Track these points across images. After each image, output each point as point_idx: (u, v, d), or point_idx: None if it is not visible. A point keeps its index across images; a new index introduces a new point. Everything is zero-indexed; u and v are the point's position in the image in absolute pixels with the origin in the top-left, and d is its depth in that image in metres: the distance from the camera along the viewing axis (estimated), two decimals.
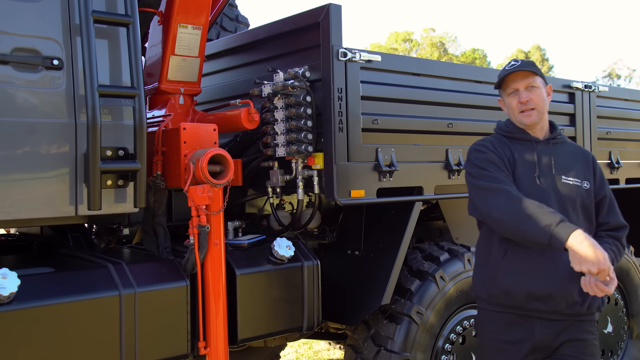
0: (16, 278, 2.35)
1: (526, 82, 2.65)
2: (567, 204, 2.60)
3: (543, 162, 2.65)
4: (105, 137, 2.67)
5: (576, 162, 2.69)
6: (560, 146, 2.72)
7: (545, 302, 2.54)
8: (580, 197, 2.62)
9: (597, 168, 2.74)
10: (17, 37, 2.55)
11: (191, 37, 3.37)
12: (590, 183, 2.66)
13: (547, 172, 2.64)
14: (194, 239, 2.88)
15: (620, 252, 2.60)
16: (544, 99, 2.68)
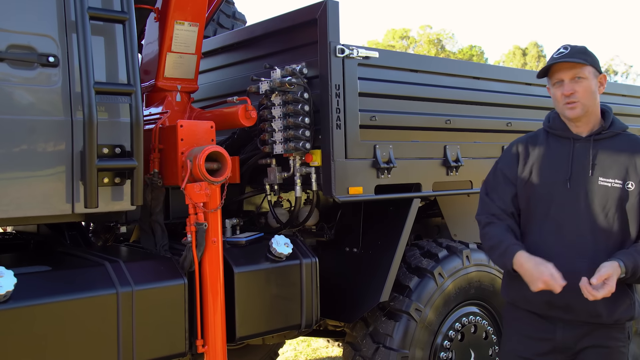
0: (13, 277, 2.34)
1: (572, 73, 2.46)
2: (599, 209, 2.43)
3: (578, 163, 2.48)
4: (101, 135, 2.65)
5: (621, 160, 2.44)
6: (605, 142, 2.49)
7: (565, 311, 2.46)
8: (619, 200, 2.41)
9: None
10: (12, 34, 2.53)
11: (188, 33, 3.35)
12: (636, 183, 2.42)
13: (581, 173, 2.46)
14: (192, 237, 2.86)
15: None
16: (592, 92, 2.46)
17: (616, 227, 2.42)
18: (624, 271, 2.31)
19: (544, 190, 2.53)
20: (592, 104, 2.48)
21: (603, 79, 2.51)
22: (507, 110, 4.11)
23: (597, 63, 2.50)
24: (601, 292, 2.25)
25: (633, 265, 2.33)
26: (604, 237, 2.42)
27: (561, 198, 2.48)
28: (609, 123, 2.51)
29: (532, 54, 46.16)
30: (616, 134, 2.50)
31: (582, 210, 2.45)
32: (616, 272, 2.29)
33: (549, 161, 2.54)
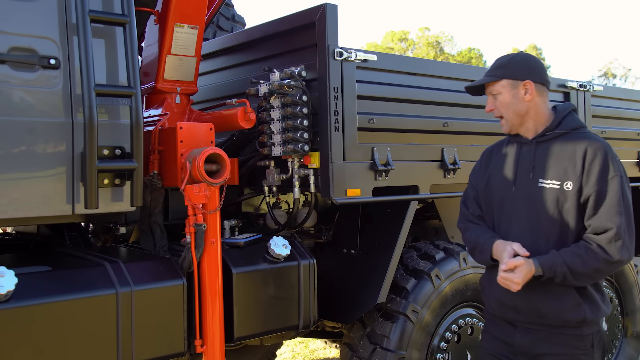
0: (13, 276, 2.36)
1: (490, 90, 2.57)
2: (539, 210, 2.43)
3: (522, 166, 2.51)
4: (102, 136, 2.67)
5: (561, 160, 2.42)
6: (549, 143, 2.49)
7: (516, 312, 2.49)
8: (557, 202, 2.40)
9: (588, 162, 2.37)
10: (14, 36, 2.55)
11: (188, 36, 3.38)
12: (574, 183, 2.38)
13: (524, 176, 2.49)
14: (191, 238, 2.89)
15: (593, 257, 2.31)
16: (508, 104, 2.50)
17: (555, 228, 2.41)
18: (540, 270, 2.32)
19: (496, 195, 2.58)
20: (516, 114, 2.51)
21: (528, 85, 2.48)
22: None
23: (515, 72, 2.49)
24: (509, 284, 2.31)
25: (550, 265, 2.32)
26: (544, 238, 2.43)
27: (509, 201, 2.52)
28: (555, 124, 2.50)
29: None
30: (562, 134, 2.48)
31: (524, 212, 2.47)
32: (526, 267, 2.31)
33: (503, 166, 2.59)
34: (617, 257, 2.30)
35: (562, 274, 2.32)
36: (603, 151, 2.37)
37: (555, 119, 2.51)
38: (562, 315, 2.40)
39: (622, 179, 2.37)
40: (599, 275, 2.39)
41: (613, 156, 2.40)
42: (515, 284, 2.31)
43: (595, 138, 2.44)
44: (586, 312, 2.39)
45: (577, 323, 2.40)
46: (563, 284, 2.36)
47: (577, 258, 2.31)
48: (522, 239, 2.45)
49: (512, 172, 2.53)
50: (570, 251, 2.34)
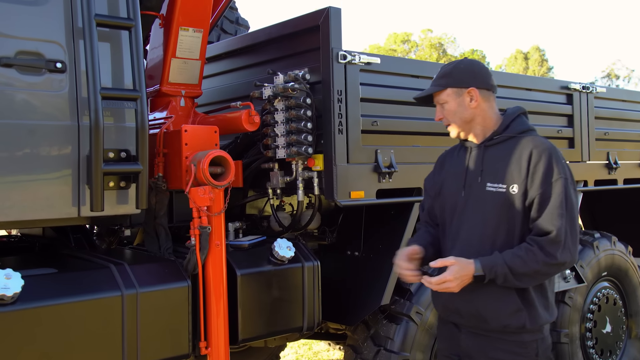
0: (20, 278, 2.38)
1: (437, 99, 2.58)
2: (486, 214, 2.43)
3: (471, 171, 2.53)
4: (107, 139, 2.69)
5: (507, 164, 2.43)
6: (497, 147, 2.50)
7: (459, 316, 2.50)
8: (504, 205, 2.40)
9: (532, 165, 2.38)
10: (20, 40, 2.58)
11: (192, 39, 3.40)
12: (519, 186, 2.38)
13: (473, 181, 2.50)
14: (195, 240, 2.90)
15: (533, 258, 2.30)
16: (455, 111, 2.52)
17: (502, 232, 2.41)
18: (480, 270, 2.31)
19: (448, 200, 2.59)
20: (463, 121, 2.52)
21: (473, 92, 2.50)
22: None
23: (459, 80, 2.51)
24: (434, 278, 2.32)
25: (491, 266, 2.32)
26: (490, 243, 2.42)
27: (458, 206, 2.53)
28: (502, 127, 2.51)
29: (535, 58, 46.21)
30: (509, 138, 2.49)
31: (472, 217, 2.47)
32: (461, 266, 2.31)
33: (454, 171, 2.61)
34: (558, 259, 2.30)
35: (502, 275, 2.31)
36: (547, 154, 2.38)
37: (503, 122, 2.52)
38: (502, 319, 2.39)
39: (566, 181, 2.37)
40: (540, 277, 2.38)
41: (558, 158, 2.40)
42: (450, 283, 2.30)
43: (540, 141, 2.44)
44: (526, 318, 2.38)
45: (516, 329, 2.39)
46: (505, 285, 2.35)
47: (517, 259, 2.31)
48: (470, 243, 2.46)
49: (462, 177, 2.55)
50: (511, 252, 2.34)
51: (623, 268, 4.94)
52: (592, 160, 4.71)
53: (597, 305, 4.70)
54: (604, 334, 4.71)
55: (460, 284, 2.32)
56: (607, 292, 4.80)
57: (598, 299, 4.72)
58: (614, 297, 4.84)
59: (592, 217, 5.90)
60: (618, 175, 4.89)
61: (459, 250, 2.47)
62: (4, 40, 2.55)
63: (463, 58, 2.64)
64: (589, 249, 4.70)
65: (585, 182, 4.66)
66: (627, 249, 5.02)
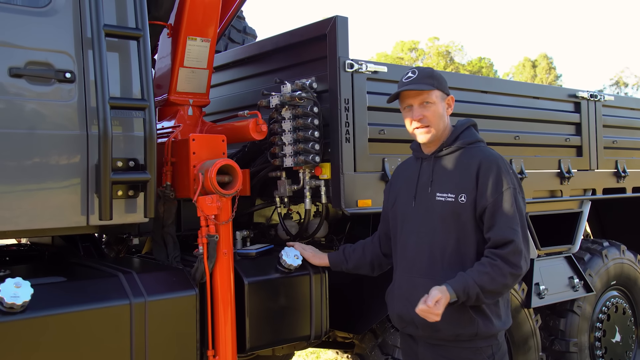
0: (29, 287, 2.39)
1: (420, 98, 2.55)
2: (436, 224, 2.46)
3: (422, 181, 2.57)
4: (116, 148, 2.71)
5: (456, 174, 2.48)
6: (447, 158, 2.54)
7: (414, 327, 2.51)
8: (453, 214, 2.44)
9: (482, 175, 2.43)
10: (30, 50, 2.60)
11: (200, 49, 3.42)
12: (468, 196, 2.42)
13: (423, 191, 2.54)
14: (203, 249, 2.90)
15: (499, 272, 2.33)
16: (440, 115, 2.54)
17: (451, 240, 2.43)
18: (454, 296, 2.31)
19: (400, 211, 2.62)
20: (442, 127, 2.57)
21: (451, 101, 2.58)
22: (514, 123, 4.15)
23: (444, 86, 2.58)
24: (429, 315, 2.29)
25: (463, 289, 2.32)
26: (440, 252, 2.45)
27: (409, 216, 2.56)
28: (452, 139, 2.55)
29: (542, 66, 46.13)
30: (459, 149, 2.53)
31: (422, 226, 2.50)
32: (445, 296, 2.30)
33: (406, 182, 2.64)
34: (522, 268, 2.34)
35: (475, 295, 2.32)
36: (496, 164, 2.43)
37: (452, 134, 2.57)
38: (455, 329, 2.41)
39: (515, 191, 2.41)
40: (506, 290, 2.42)
41: (506, 169, 2.44)
42: (435, 316, 2.29)
43: (489, 152, 2.49)
44: (479, 325, 2.42)
45: (470, 336, 2.43)
46: (476, 304, 2.37)
47: (485, 276, 2.32)
48: (419, 251, 2.49)
49: (413, 188, 2.58)
50: (476, 270, 2.34)
51: (632, 277, 4.91)
52: (600, 168, 4.70)
53: (607, 315, 4.67)
54: (614, 343, 4.68)
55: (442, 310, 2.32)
56: (617, 301, 4.77)
57: (607, 308, 4.69)
58: (623, 306, 4.81)
59: (601, 226, 5.87)
60: (627, 183, 4.87)
61: (410, 259, 2.52)
62: (14, 51, 2.57)
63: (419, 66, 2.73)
64: (597, 258, 4.67)
65: (594, 190, 4.65)
66: (636, 258, 4.99)
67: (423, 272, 2.47)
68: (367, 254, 2.91)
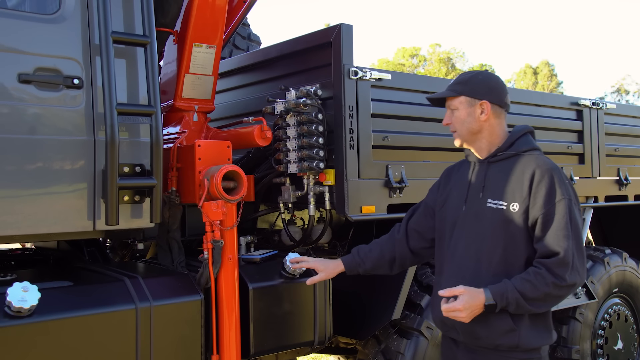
0: (37, 291, 2.41)
1: (448, 104, 2.58)
2: (486, 231, 2.42)
3: (474, 186, 2.53)
4: (122, 154, 2.73)
5: (510, 181, 2.42)
6: (500, 164, 2.50)
7: (456, 331, 2.49)
8: (504, 223, 2.39)
9: (535, 185, 2.37)
10: (39, 57, 2.63)
11: (205, 55, 3.45)
12: (520, 205, 2.36)
13: (475, 196, 2.50)
14: (208, 254, 2.92)
15: (542, 281, 2.29)
16: (463, 120, 2.52)
17: (498, 249, 2.39)
18: (491, 298, 2.29)
19: (449, 215, 2.59)
20: (469, 131, 2.52)
21: (485, 105, 2.49)
22: None
23: (474, 91, 2.50)
24: (445, 306, 2.32)
25: (502, 293, 2.29)
26: (487, 260, 2.41)
27: (459, 221, 2.53)
28: (507, 144, 2.51)
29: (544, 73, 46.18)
30: (513, 155, 2.48)
31: (471, 232, 2.46)
32: (471, 295, 2.29)
33: (457, 186, 2.61)
34: (567, 281, 2.28)
35: (515, 301, 2.29)
36: (550, 174, 2.36)
37: (508, 139, 2.52)
38: (494, 338, 2.38)
39: (570, 202, 2.35)
40: (552, 300, 2.35)
41: (561, 179, 2.38)
42: (460, 313, 2.30)
43: (544, 160, 2.43)
44: (520, 338, 2.36)
45: (510, 348, 2.38)
46: (519, 312, 2.33)
47: (527, 284, 2.29)
48: (467, 257, 2.46)
49: (464, 192, 2.55)
50: (520, 277, 2.32)
51: (634, 284, 4.92)
52: (602, 176, 4.72)
53: (609, 322, 4.68)
54: (616, 350, 4.69)
55: (471, 314, 2.31)
56: (619, 309, 4.78)
57: (609, 316, 4.70)
58: (625, 314, 4.81)
59: (603, 233, 5.88)
60: (629, 191, 4.89)
61: (457, 265, 2.49)
62: (23, 57, 2.60)
63: (483, 70, 2.62)
64: (599, 265, 4.69)
65: (596, 198, 4.66)
66: (638, 265, 4.99)
67: (468, 279, 2.41)
68: (385, 252, 2.82)
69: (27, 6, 2.77)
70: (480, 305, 2.31)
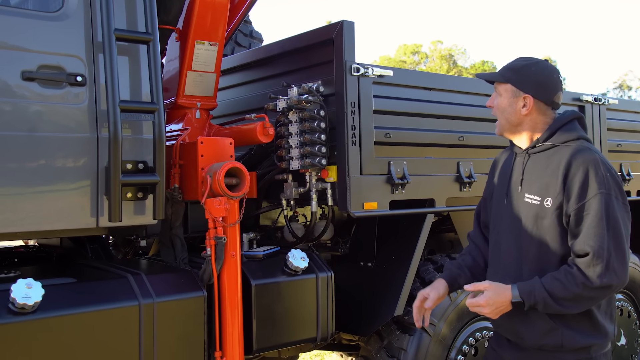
0: (40, 288, 2.42)
1: (496, 86, 2.47)
2: (524, 226, 2.33)
3: (514, 178, 2.43)
4: (125, 151, 2.74)
5: (545, 175, 2.30)
6: (538, 156, 2.37)
7: (503, 328, 2.45)
8: (538, 218, 2.28)
9: (570, 178, 2.21)
10: (42, 54, 2.63)
11: (208, 53, 3.45)
12: (554, 200, 2.24)
13: (515, 189, 2.40)
14: (211, 251, 2.93)
15: (573, 281, 2.17)
16: (503, 109, 2.41)
17: (533, 247, 2.30)
18: (517, 296, 2.22)
19: (494, 208, 2.53)
20: (508, 122, 2.42)
21: (528, 99, 2.36)
22: None
23: (521, 82, 2.37)
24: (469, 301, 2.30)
25: (529, 291, 2.21)
26: (526, 256, 2.34)
27: (501, 215, 2.46)
28: (546, 135, 2.36)
29: None
30: (552, 147, 2.33)
31: (512, 227, 2.39)
32: (496, 292, 2.24)
33: (500, 177, 2.54)
34: (597, 282, 2.14)
35: (542, 300, 2.19)
36: (585, 167, 2.20)
37: (549, 128, 2.37)
38: (537, 339, 2.32)
39: (608, 197, 2.18)
40: (585, 301, 2.21)
41: (599, 171, 2.20)
42: (483, 309, 2.25)
43: (583, 151, 2.26)
44: (562, 337, 2.27)
45: (554, 348, 2.29)
46: (547, 311, 2.24)
47: (557, 283, 2.18)
48: (508, 254, 2.41)
49: (506, 184, 2.46)
50: (551, 275, 2.22)
51: (637, 280, 4.91)
52: None
53: None
54: (619, 346, 4.68)
55: (496, 310, 2.25)
56: (621, 305, 4.78)
57: None
58: (628, 310, 4.81)
59: None
60: (631, 187, 4.88)
61: (502, 260, 2.43)
62: (26, 55, 2.60)
63: (543, 60, 2.43)
64: None
65: None
66: None
67: (509, 276, 2.35)
68: (478, 258, 2.67)
69: (30, 4, 2.77)
70: (506, 302, 2.24)
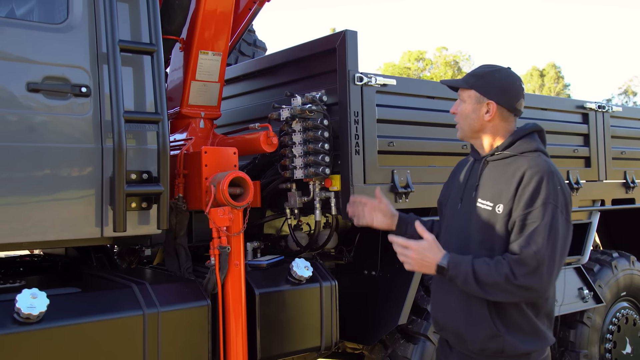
0: (45, 298, 2.43)
1: (460, 93, 2.49)
2: (473, 231, 2.36)
3: (469, 184, 2.46)
4: (130, 161, 2.75)
5: (499, 183, 2.33)
6: (495, 164, 2.40)
7: (447, 333, 2.46)
8: (489, 224, 2.31)
9: (522, 187, 2.25)
10: (48, 66, 2.66)
11: (211, 62, 3.47)
12: (505, 206, 2.27)
13: (469, 194, 2.43)
14: (215, 260, 2.94)
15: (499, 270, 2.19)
16: (466, 115, 2.43)
17: (483, 251, 2.30)
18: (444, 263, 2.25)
19: (448, 211, 2.56)
20: (470, 128, 2.44)
21: (491, 105, 2.38)
22: None
23: (485, 88, 2.40)
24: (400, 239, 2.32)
25: (456, 262, 2.25)
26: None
27: (454, 218, 2.49)
28: (505, 145, 2.39)
29: (550, 75, 46.05)
30: (510, 156, 2.37)
31: (462, 231, 2.42)
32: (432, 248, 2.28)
33: (457, 181, 2.57)
34: (520, 280, 2.17)
35: (464, 275, 2.22)
36: (539, 177, 2.24)
37: (509, 138, 2.40)
38: (480, 343, 2.32)
39: (554, 208, 2.22)
40: (500, 293, 2.22)
41: (552, 184, 2.24)
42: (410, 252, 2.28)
43: (539, 163, 2.30)
44: (504, 343, 2.27)
45: (495, 352, 2.30)
46: (465, 289, 2.26)
47: (485, 266, 2.22)
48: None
49: (462, 189, 2.50)
50: (483, 259, 2.26)
51: None
52: (609, 179, 4.71)
53: (617, 326, 4.66)
54: (624, 355, 4.67)
55: (420, 262, 2.29)
56: (627, 313, 4.76)
57: (617, 320, 4.68)
58: (633, 318, 4.79)
59: (611, 237, 5.86)
60: (636, 194, 4.87)
61: None
62: (32, 66, 2.63)
63: (506, 68, 2.47)
64: (607, 269, 4.67)
65: (603, 201, 4.65)
66: None
67: None
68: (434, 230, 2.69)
69: (35, 16, 2.80)
70: (433, 261, 2.28)
